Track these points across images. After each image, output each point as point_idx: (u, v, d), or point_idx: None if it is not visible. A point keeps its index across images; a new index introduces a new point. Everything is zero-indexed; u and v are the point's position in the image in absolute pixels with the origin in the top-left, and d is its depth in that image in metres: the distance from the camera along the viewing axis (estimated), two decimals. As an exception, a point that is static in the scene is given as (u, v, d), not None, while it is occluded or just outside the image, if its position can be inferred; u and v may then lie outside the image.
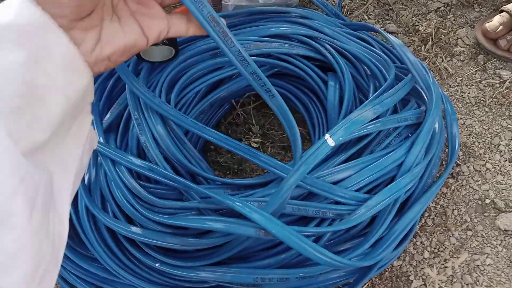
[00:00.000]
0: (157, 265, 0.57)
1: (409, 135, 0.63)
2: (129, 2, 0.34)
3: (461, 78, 0.82)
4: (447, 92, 0.81)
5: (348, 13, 0.91)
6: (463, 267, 0.62)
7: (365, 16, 0.91)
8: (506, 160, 0.70)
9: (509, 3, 0.83)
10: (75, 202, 0.67)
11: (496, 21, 0.82)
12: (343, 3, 0.93)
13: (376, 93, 0.61)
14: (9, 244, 0.21)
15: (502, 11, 0.83)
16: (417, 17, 0.92)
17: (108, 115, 0.69)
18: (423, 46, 0.86)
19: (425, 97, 0.65)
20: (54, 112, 0.26)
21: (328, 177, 0.58)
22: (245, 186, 0.61)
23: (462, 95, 0.80)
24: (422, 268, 0.63)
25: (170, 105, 0.61)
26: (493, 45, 0.82)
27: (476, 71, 0.82)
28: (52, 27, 0.26)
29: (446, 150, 0.70)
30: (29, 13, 0.25)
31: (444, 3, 0.93)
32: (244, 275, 0.55)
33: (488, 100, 0.77)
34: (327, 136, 0.54)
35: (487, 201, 0.67)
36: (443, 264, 0.63)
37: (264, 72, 0.70)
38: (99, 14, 0.31)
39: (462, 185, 0.69)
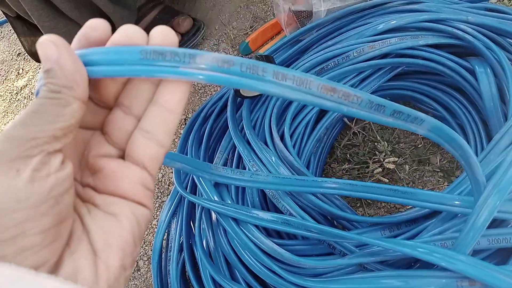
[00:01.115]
0: None
1: None
2: (90, 178, 0.23)
3: None
4: None
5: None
6: None
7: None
8: None
9: None
10: (196, 272, 0.57)
11: None
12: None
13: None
14: None
15: None
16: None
17: (213, 167, 0.59)
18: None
19: None
20: None
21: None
22: (405, 222, 0.48)
23: None
24: None
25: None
26: None
27: None
28: (30, 282, 0.16)
29: None
30: None
31: None
32: None
33: None
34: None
35: None
36: None
37: (384, 76, 0.58)
38: (74, 216, 0.21)
39: None
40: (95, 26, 0.22)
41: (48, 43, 0.20)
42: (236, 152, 0.58)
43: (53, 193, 0.18)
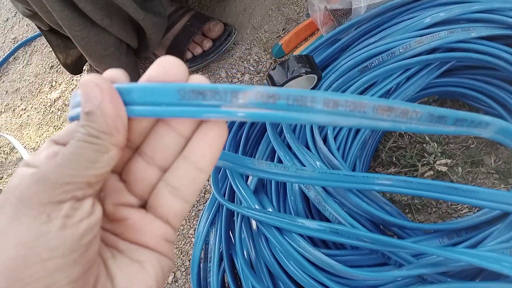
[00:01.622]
0: None
1: None
2: (109, 224, 0.21)
3: None
4: None
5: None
6: None
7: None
8: None
9: None
10: (237, 283, 0.55)
11: None
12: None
13: None
14: None
15: None
16: None
17: (252, 174, 0.57)
18: None
19: None
20: None
21: None
22: (465, 229, 0.44)
23: None
24: None
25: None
26: None
27: None
28: None
29: None
30: None
31: None
32: None
33: None
34: None
35: None
36: None
37: (432, 72, 0.54)
38: (98, 261, 0.19)
39: None
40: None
41: (91, 85, 0.18)
42: (276, 157, 0.56)
43: (84, 240, 0.17)
